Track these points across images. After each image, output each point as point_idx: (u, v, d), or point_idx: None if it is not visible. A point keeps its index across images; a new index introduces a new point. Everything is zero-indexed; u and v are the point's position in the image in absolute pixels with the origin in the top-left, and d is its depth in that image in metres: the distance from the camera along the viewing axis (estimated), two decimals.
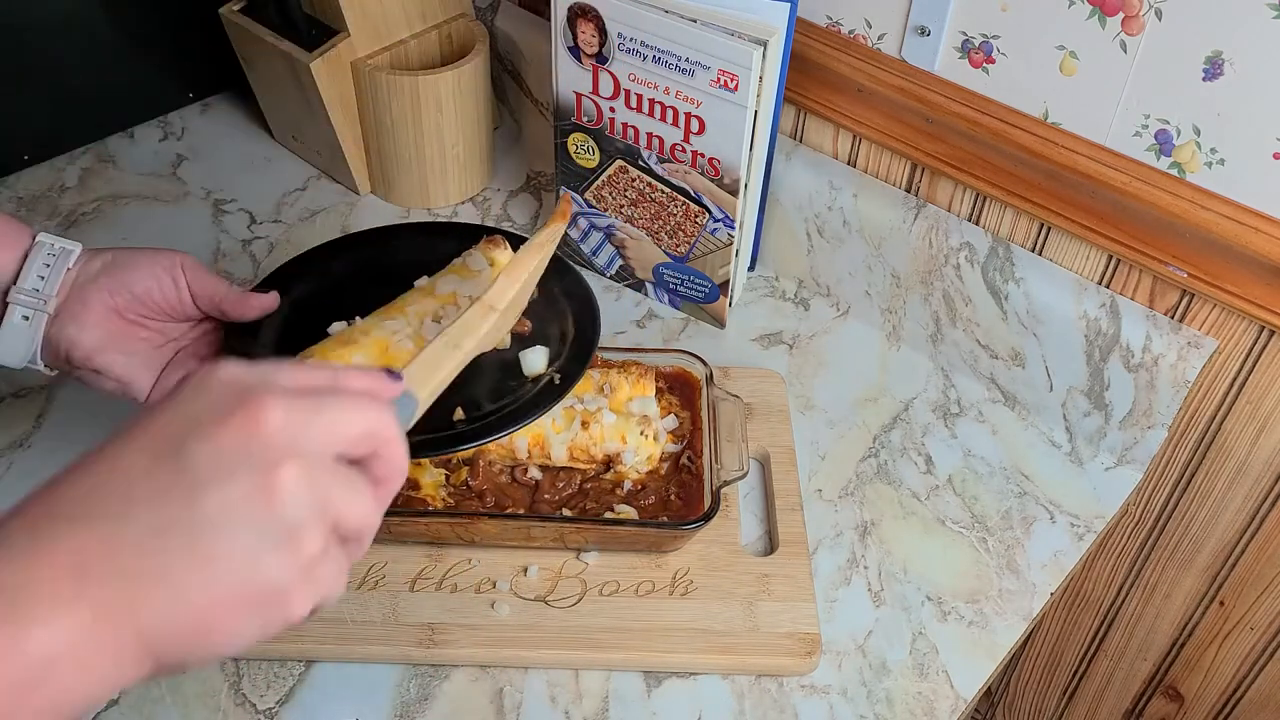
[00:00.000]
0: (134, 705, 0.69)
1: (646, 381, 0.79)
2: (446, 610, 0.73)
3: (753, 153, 0.87)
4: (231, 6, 1.03)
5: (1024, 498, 0.85)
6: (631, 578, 0.75)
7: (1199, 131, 0.74)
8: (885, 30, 0.85)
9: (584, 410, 0.76)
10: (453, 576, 0.75)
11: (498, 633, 0.72)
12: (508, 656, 0.72)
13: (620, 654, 0.72)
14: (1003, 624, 0.77)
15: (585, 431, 0.76)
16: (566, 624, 0.73)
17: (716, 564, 0.77)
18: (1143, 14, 0.72)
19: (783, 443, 0.85)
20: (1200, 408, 0.86)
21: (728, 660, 0.72)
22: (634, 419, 0.77)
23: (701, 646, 0.72)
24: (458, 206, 1.08)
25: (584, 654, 0.72)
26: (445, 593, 0.74)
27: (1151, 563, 0.98)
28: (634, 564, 0.76)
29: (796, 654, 0.72)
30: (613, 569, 0.76)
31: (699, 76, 0.83)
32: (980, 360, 0.91)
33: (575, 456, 0.76)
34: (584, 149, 0.93)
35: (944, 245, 0.88)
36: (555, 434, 0.75)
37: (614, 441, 0.76)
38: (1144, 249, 0.79)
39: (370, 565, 0.75)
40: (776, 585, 0.75)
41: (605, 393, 0.78)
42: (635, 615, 0.74)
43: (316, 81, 0.97)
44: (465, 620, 0.73)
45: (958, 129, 0.84)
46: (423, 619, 0.73)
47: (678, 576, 0.76)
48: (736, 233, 0.91)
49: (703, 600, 0.74)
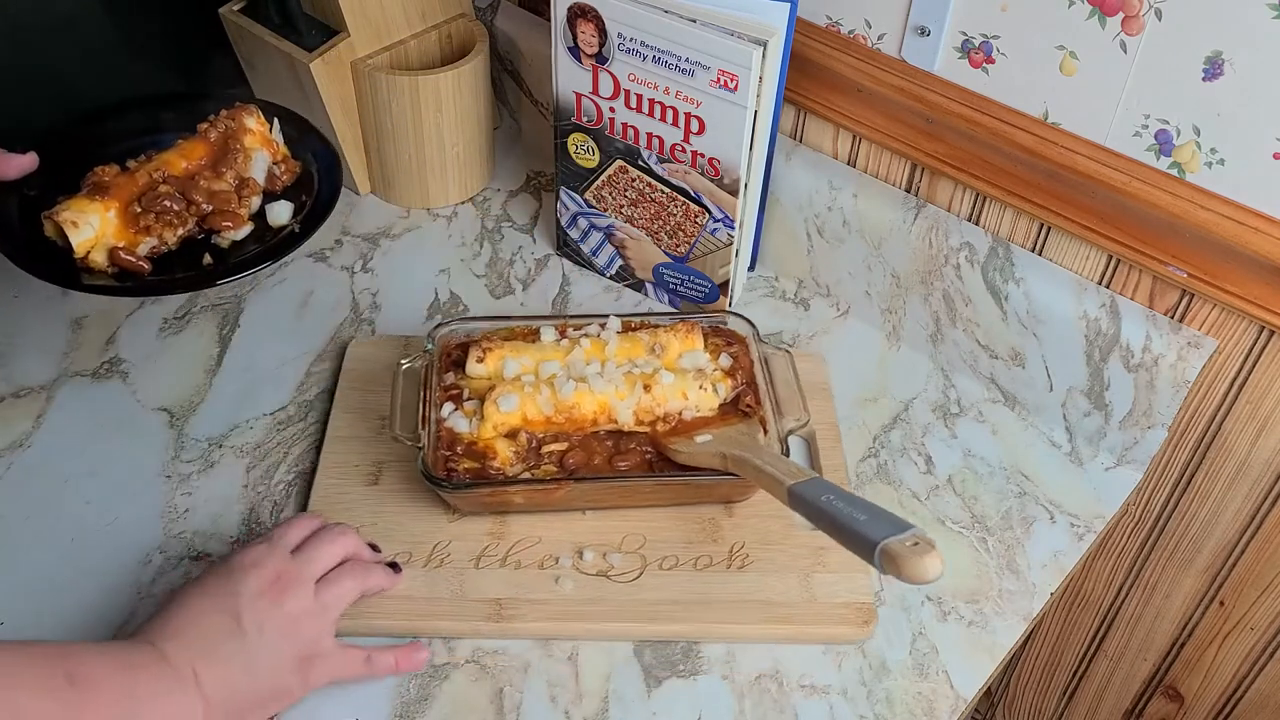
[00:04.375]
0: None
1: (694, 336, 0.82)
2: (512, 586, 0.75)
3: (753, 153, 0.87)
4: (231, 6, 1.03)
5: (1024, 498, 0.85)
6: (689, 553, 0.77)
7: (1199, 131, 0.74)
8: (885, 30, 0.85)
9: (642, 374, 0.79)
10: (515, 554, 0.77)
11: (563, 606, 0.74)
12: (575, 629, 0.74)
13: (682, 625, 0.74)
14: (1003, 624, 0.77)
15: (649, 394, 0.78)
16: (629, 597, 0.75)
17: (771, 538, 0.78)
18: (1143, 14, 0.72)
19: (827, 420, 0.86)
20: (1200, 408, 0.86)
21: (788, 630, 0.74)
22: (690, 374, 0.80)
23: (762, 617, 0.74)
24: (458, 206, 1.08)
25: (647, 625, 0.74)
26: (509, 569, 0.76)
27: (1151, 563, 0.98)
28: (691, 538, 0.78)
29: (853, 623, 0.74)
30: (670, 544, 0.78)
31: (699, 76, 0.83)
32: (980, 360, 0.91)
33: (641, 419, 0.78)
34: (584, 149, 0.93)
35: (944, 245, 0.88)
36: (620, 400, 0.78)
37: (676, 400, 0.79)
38: (1144, 249, 0.79)
39: (434, 544, 0.77)
40: (830, 557, 0.77)
41: (656, 353, 0.81)
42: (695, 588, 0.75)
43: (316, 81, 0.97)
44: (531, 595, 0.75)
45: (957, 129, 0.84)
46: (489, 594, 0.74)
47: (734, 550, 0.77)
48: (736, 233, 0.91)
49: (759, 573, 0.76)
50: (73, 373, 0.89)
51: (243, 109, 0.87)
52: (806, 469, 0.71)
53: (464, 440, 0.76)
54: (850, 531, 0.63)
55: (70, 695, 0.55)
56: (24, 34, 1.01)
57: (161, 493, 0.81)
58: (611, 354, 0.81)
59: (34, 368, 0.89)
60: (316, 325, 0.95)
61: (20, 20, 1.01)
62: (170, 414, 0.87)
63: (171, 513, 0.80)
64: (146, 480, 0.82)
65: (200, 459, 0.84)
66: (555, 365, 0.80)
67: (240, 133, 0.86)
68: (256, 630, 0.64)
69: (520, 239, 1.05)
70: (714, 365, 0.82)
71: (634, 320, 0.85)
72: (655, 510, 0.79)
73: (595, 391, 0.78)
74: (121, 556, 0.77)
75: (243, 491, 0.82)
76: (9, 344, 0.91)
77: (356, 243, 1.03)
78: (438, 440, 0.76)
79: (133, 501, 0.80)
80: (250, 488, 0.82)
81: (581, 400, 0.78)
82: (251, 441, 0.85)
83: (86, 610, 0.74)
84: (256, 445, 0.85)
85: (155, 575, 0.76)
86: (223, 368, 0.91)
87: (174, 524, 0.79)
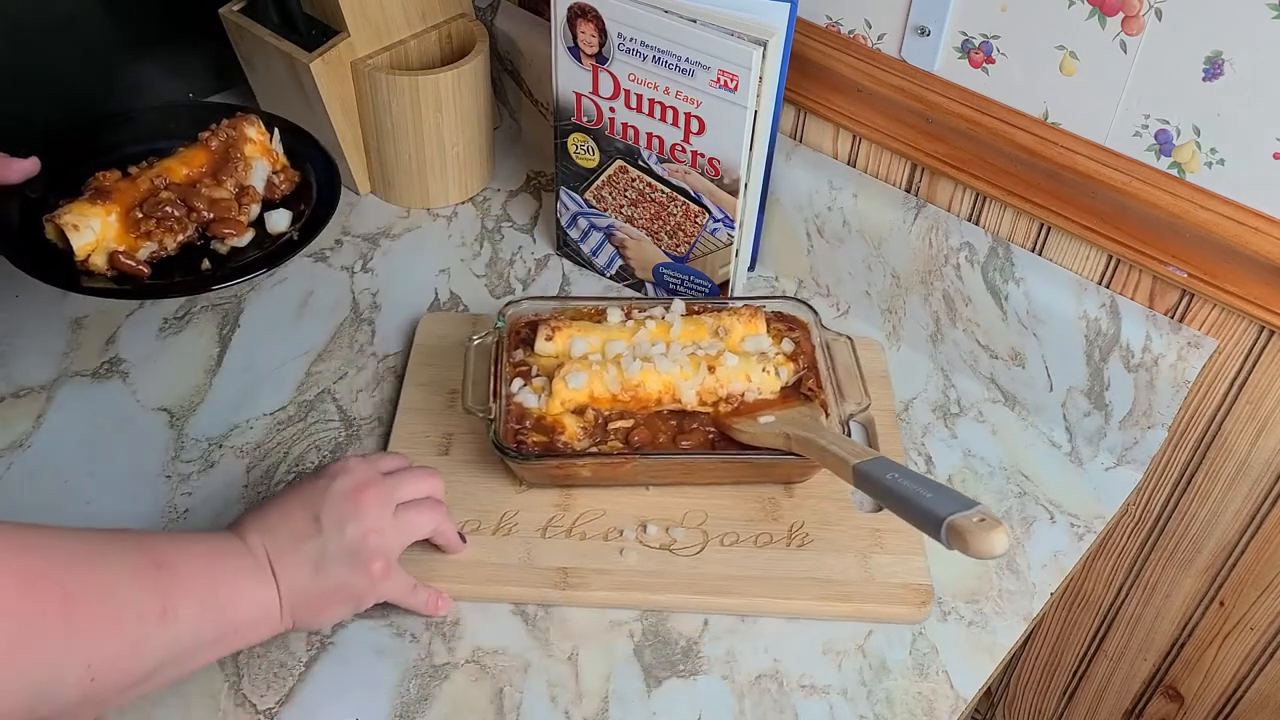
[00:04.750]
0: (135, 705, 0.69)
1: (757, 320, 0.84)
2: (577, 555, 0.77)
3: (753, 153, 0.87)
4: (231, 6, 1.03)
5: (1024, 498, 0.85)
6: (750, 530, 0.79)
7: (1199, 131, 0.74)
8: (885, 30, 0.85)
9: (706, 355, 0.80)
10: (580, 525, 0.79)
11: (627, 577, 0.76)
12: (637, 599, 0.75)
13: (743, 599, 0.76)
14: (1002, 624, 0.77)
15: (712, 375, 0.80)
16: (691, 570, 0.77)
17: (829, 519, 0.80)
18: (1143, 14, 0.72)
19: (885, 407, 0.88)
20: (1200, 408, 0.86)
21: (847, 608, 0.75)
22: (753, 357, 0.81)
23: (820, 594, 0.75)
24: (458, 206, 1.08)
25: (709, 599, 0.76)
26: (575, 539, 0.78)
27: (1151, 563, 0.98)
28: (751, 516, 0.80)
29: (911, 603, 0.75)
30: (731, 522, 0.79)
31: (699, 76, 0.83)
32: (980, 360, 0.91)
33: (704, 400, 0.80)
34: (584, 149, 0.93)
35: (944, 245, 0.88)
36: (685, 380, 0.80)
37: (739, 381, 0.80)
38: (1144, 249, 0.79)
39: (503, 514, 0.79)
40: (888, 539, 0.78)
41: (720, 336, 0.83)
42: (756, 564, 0.77)
43: (316, 81, 0.97)
44: (596, 565, 0.76)
45: (958, 129, 0.84)
46: (556, 563, 0.76)
47: (794, 529, 0.79)
48: (736, 232, 0.91)
49: (818, 552, 0.78)
50: (73, 373, 0.89)
51: (243, 118, 0.89)
52: (870, 449, 0.72)
53: (533, 415, 0.79)
54: (917, 508, 0.64)
55: (156, 576, 0.58)
56: (24, 34, 1.01)
57: (161, 493, 0.81)
58: (675, 336, 0.83)
59: (34, 368, 0.89)
60: (316, 325, 0.95)
61: (20, 20, 1.01)
62: (170, 414, 0.87)
63: (172, 513, 0.80)
64: (146, 480, 0.82)
65: (200, 459, 0.84)
66: (621, 345, 0.82)
67: (241, 142, 0.87)
68: (335, 529, 0.66)
69: (520, 239, 1.05)
70: (776, 349, 0.83)
71: (696, 304, 0.87)
72: (716, 489, 0.81)
73: (660, 371, 0.80)
74: None
75: (243, 491, 0.82)
76: (9, 344, 0.91)
77: (356, 243, 1.03)
78: (507, 414, 0.79)
79: (133, 501, 0.80)
80: (250, 488, 0.82)
81: (647, 379, 0.80)
82: (251, 441, 0.85)
83: None
84: (256, 445, 0.85)
85: None
86: (223, 368, 0.91)
87: (174, 524, 0.79)
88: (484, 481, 0.81)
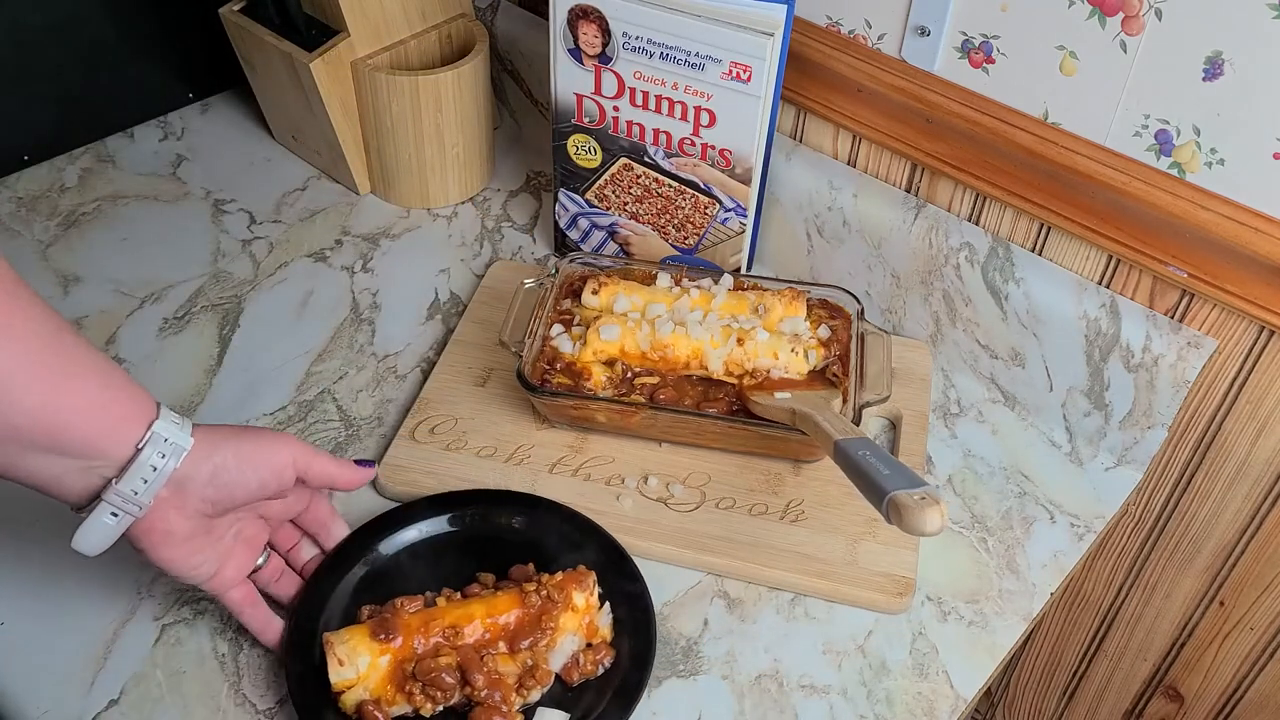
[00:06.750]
0: (134, 705, 0.69)
1: (799, 304, 0.86)
2: (577, 494, 0.80)
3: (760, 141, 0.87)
4: (231, 6, 1.03)
5: (1024, 498, 0.85)
6: (747, 499, 0.81)
7: (1199, 131, 0.74)
8: (885, 30, 0.85)
9: (740, 329, 0.82)
10: (587, 468, 0.82)
11: (618, 520, 0.78)
12: (625, 543, 0.76)
13: (724, 560, 0.77)
14: (1003, 624, 0.77)
15: (740, 347, 0.81)
16: (681, 526, 0.79)
17: (830, 501, 0.81)
18: (1143, 14, 0.72)
19: (917, 408, 0.88)
20: (1200, 408, 0.86)
21: (823, 585, 0.76)
22: (785, 337, 0.83)
23: (800, 568, 0.77)
24: (458, 206, 1.08)
25: (691, 554, 0.78)
26: (579, 480, 0.82)
27: (1151, 563, 0.98)
28: (753, 487, 0.82)
29: (888, 592, 0.76)
30: (732, 488, 0.82)
31: (709, 70, 0.83)
32: (980, 360, 0.91)
33: (730, 370, 0.82)
34: (585, 149, 0.93)
35: (944, 245, 0.89)
36: (714, 349, 0.82)
37: (766, 357, 0.81)
38: (1144, 249, 0.79)
39: (518, 445, 0.84)
40: (883, 529, 0.79)
41: (759, 313, 0.85)
42: (744, 530, 0.79)
43: (316, 81, 0.97)
44: (593, 505, 0.79)
45: (958, 129, 0.84)
46: (556, 497, 0.79)
47: (790, 505, 0.81)
48: (749, 220, 0.91)
49: (810, 530, 0.79)
50: None
51: (576, 576, 0.71)
52: (860, 431, 0.73)
53: (565, 359, 0.82)
54: (870, 481, 0.66)
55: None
56: (24, 34, 1.02)
57: None
58: (716, 306, 0.85)
59: None
60: (316, 325, 0.95)
61: (20, 20, 1.01)
62: None
63: None
64: None
65: None
66: (661, 307, 0.85)
67: (561, 608, 0.70)
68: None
69: (520, 239, 1.05)
70: (811, 334, 0.84)
71: (746, 281, 0.88)
72: (726, 456, 0.83)
73: (691, 336, 0.82)
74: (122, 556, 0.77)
75: None
76: None
77: (356, 242, 1.03)
78: (540, 354, 0.83)
79: None
80: None
81: (677, 342, 0.82)
82: None
83: (88, 610, 0.74)
84: None
85: (155, 575, 0.76)
86: (223, 368, 0.91)
87: None
88: (511, 415, 0.85)
